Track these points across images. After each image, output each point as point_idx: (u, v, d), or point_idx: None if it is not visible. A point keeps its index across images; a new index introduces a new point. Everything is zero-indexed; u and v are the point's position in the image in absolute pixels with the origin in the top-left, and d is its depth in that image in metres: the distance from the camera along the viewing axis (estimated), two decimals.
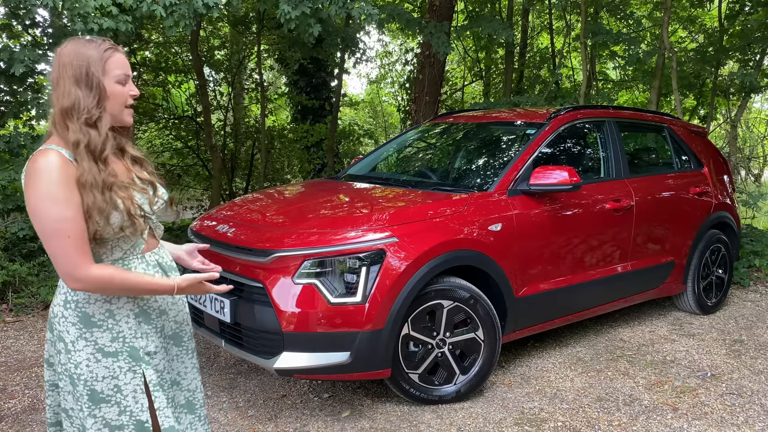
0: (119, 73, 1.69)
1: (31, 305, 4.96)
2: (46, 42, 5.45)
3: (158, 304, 1.79)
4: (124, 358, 1.70)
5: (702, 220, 4.74)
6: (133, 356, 1.71)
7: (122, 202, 1.65)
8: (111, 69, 1.68)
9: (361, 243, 3.05)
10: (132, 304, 1.73)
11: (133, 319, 1.73)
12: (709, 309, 4.93)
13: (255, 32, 9.40)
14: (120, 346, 1.70)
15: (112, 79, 1.68)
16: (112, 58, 1.68)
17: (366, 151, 11.56)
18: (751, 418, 3.24)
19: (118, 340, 1.70)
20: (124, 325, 1.71)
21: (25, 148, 5.19)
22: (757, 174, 13.38)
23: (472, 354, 3.37)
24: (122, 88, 1.70)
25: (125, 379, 1.70)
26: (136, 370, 1.71)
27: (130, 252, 1.73)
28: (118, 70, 1.69)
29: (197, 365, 1.97)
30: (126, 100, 1.72)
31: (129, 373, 1.70)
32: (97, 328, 1.68)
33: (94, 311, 1.68)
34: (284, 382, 3.63)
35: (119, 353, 1.69)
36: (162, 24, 5.38)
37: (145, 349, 1.74)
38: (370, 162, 4.85)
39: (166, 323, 1.83)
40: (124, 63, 1.71)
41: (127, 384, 1.70)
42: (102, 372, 1.68)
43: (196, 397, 1.93)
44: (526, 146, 3.86)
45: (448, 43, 7.74)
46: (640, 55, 7.85)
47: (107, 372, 1.68)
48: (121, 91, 1.70)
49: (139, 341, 1.73)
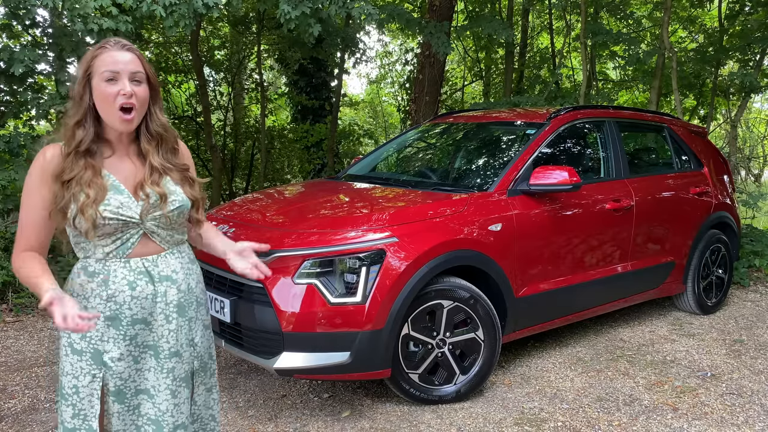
0: (104, 71, 1.66)
1: (31, 305, 4.96)
2: (46, 42, 5.45)
3: (132, 312, 1.73)
4: (87, 360, 1.71)
5: (702, 220, 4.74)
6: (95, 359, 1.71)
7: (83, 198, 1.65)
8: (98, 67, 1.67)
9: (361, 243, 3.05)
10: (103, 306, 1.72)
11: (102, 321, 1.72)
12: (709, 309, 4.93)
13: (255, 32, 9.40)
14: (86, 345, 1.71)
15: (100, 78, 1.67)
16: (101, 56, 1.68)
17: (366, 151, 11.56)
18: (751, 418, 3.24)
19: (85, 339, 1.71)
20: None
21: (25, 148, 5.19)
22: (757, 174, 13.39)
23: (472, 354, 3.37)
24: (109, 86, 1.66)
25: (84, 381, 1.71)
26: (96, 374, 1.71)
27: (114, 255, 1.73)
28: (104, 68, 1.66)
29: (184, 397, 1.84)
30: (114, 100, 1.66)
31: (88, 376, 1.71)
32: None
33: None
34: (284, 382, 3.63)
35: (84, 353, 1.71)
36: (162, 24, 5.38)
37: (109, 353, 1.72)
38: (370, 162, 4.85)
39: (141, 332, 1.76)
40: (112, 61, 1.67)
41: (85, 387, 1.71)
42: (67, 367, 1.72)
43: (165, 420, 1.78)
44: (526, 146, 3.86)
45: (448, 43, 7.74)
46: (640, 55, 7.85)
47: (71, 368, 1.72)
48: (109, 90, 1.66)
49: (104, 345, 1.72)
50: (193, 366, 1.86)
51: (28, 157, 5.15)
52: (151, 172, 1.77)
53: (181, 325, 1.81)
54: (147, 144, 1.78)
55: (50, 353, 4.08)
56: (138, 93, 1.69)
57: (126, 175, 1.75)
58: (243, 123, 10.62)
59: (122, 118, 1.68)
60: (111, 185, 1.71)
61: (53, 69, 5.39)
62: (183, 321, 1.82)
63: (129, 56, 1.70)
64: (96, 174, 1.69)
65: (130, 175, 1.76)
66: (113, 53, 1.68)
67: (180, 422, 1.82)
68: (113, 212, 1.69)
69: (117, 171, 1.75)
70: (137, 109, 1.70)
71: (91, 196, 1.65)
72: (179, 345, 1.81)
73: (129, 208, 1.72)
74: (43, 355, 4.05)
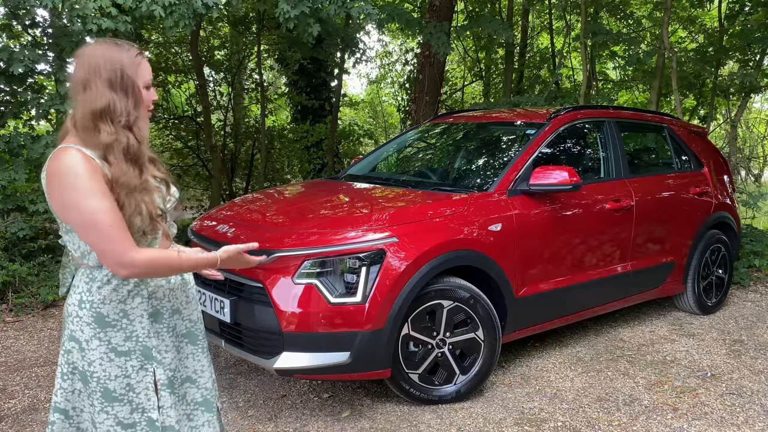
0: (148, 79, 1.75)
1: (31, 305, 4.96)
2: (46, 42, 5.45)
3: (171, 303, 1.83)
4: (137, 357, 1.74)
5: (702, 220, 4.74)
6: (145, 355, 1.75)
7: (145, 206, 1.68)
8: (143, 74, 1.73)
9: (361, 243, 3.05)
10: (146, 304, 1.76)
11: (147, 318, 1.76)
12: (709, 309, 4.93)
13: (255, 32, 9.40)
14: (133, 345, 1.74)
15: (142, 84, 1.73)
16: (143, 63, 1.74)
17: (366, 151, 11.55)
18: (751, 418, 3.24)
19: (131, 339, 1.74)
20: (137, 325, 1.74)
21: (24, 148, 5.18)
22: (757, 174, 13.37)
23: (472, 354, 3.37)
24: (147, 93, 1.75)
25: (137, 377, 1.74)
26: (148, 368, 1.76)
27: None
28: (148, 76, 1.75)
29: (212, 363, 2.00)
30: (149, 105, 1.77)
31: (141, 372, 1.75)
32: (111, 328, 1.72)
33: (108, 311, 1.72)
34: (284, 382, 3.63)
35: (132, 352, 1.74)
36: (162, 24, 5.38)
37: (158, 348, 1.79)
38: (370, 162, 4.85)
39: (179, 322, 1.87)
40: (149, 69, 1.77)
41: (139, 382, 1.75)
42: (115, 371, 1.72)
43: (213, 395, 1.96)
44: (526, 146, 3.86)
45: (448, 43, 7.74)
46: (640, 55, 7.84)
47: (120, 371, 1.73)
48: (147, 95, 1.75)
49: (152, 340, 1.77)
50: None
51: (28, 157, 5.15)
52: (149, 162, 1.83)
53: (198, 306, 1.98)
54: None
55: (50, 353, 4.08)
56: None
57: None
58: (243, 123, 10.62)
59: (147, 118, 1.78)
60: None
61: (53, 69, 5.39)
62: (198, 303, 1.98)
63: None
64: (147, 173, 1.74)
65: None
66: (146, 62, 1.76)
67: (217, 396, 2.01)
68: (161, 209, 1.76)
69: None
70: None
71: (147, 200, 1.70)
72: (202, 324, 1.97)
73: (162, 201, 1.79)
74: (43, 355, 4.06)
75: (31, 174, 5.26)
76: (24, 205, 5.23)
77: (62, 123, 1.79)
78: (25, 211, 5.30)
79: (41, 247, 5.43)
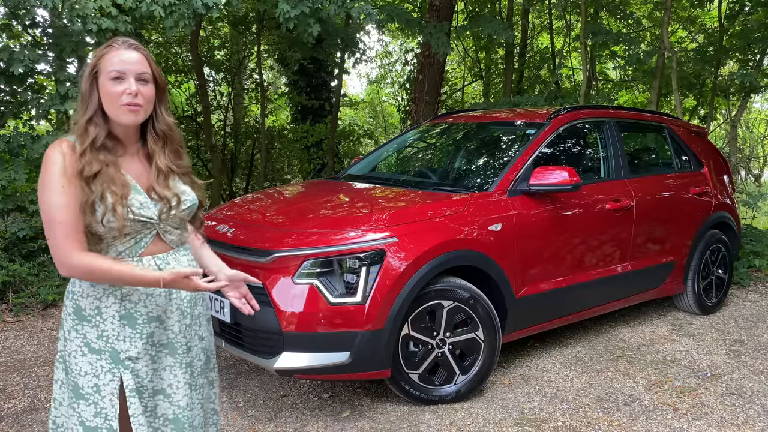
0: (110, 70, 1.68)
1: (31, 305, 4.96)
2: (46, 42, 5.45)
3: (147, 309, 1.75)
4: (106, 358, 1.71)
5: (702, 220, 4.74)
6: (113, 358, 1.71)
7: (111, 196, 1.65)
8: (104, 66, 1.69)
9: (361, 243, 3.05)
10: (118, 306, 1.72)
11: (118, 320, 1.72)
12: (709, 309, 4.93)
13: (255, 32, 9.40)
14: (103, 344, 1.71)
15: (106, 77, 1.69)
16: (108, 55, 1.70)
17: (366, 151, 11.56)
18: (751, 418, 3.24)
19: (102, 338, 1.71)
20: (108, 325, 1.71)
21: (24, 148, 5.19)
22: (757, 174, 13.36)
23: (472, 354, 3.37)
24: (115, 85, 1.68)
25: (105, 379, 1.70)
26: (115, 372, 1.71)
27: (127, 254, 1.73)
28: (110, 67, 1.68)
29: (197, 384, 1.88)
30: (119, 99, 1.67)
31: (108, 374, 1.71)
32: (87, 323, 1.71)
33: (85, 305, 1.71)
34: (284, 382, 3.63)
35: (102, 351, 1.71)
36: (162, 24, 5.38)
37: (126, 353, 1.72)
38: (370, 162, 4.85)
39: (157, 330, 1.77)
40: (119, 60, 1.68)
41: (105, 385, 1.70)
42: (86, 367, 1.70)
43: (185, 415, 1.81)
44: (526, 146, 3.86)
45: (448, 44, 7.74)
46: (640, 55, 7.84)
47: (90, 368, 1.70)
48: (114, 89, 1.68)
49: (121, 344, 1.72)
50: (201, 360, 1.91)
51: (28, 157, 5.15)
52: (158, 173, 1.77)
53: (193, 320, 1.86)
54: (153, 144, 1.79)
55: (50, 353, 4.08)
56: (144, 92, 1.71)
57: (138, 174, 1.76)
58: (243, 123, 10.62)
59: (128, 108, 1.69)
60: (131, 184, 1.73)
61: (53, 69, 5.39)
62: (194, 316, 1.87)
63: (136, 56, 1.71)
64: (117, 170, 1.70)
65: (142, 175, 1.77)
66: (120, 52, 1.70)
67: (197, 422, 1.86)
68: (135, 213, 1.70)
69: (129, 170, 1.75)
70: (143, 108, 1.72)
71: (118, 194, 1.66)
72: (192, 340, 1.86)
73: (148, 208, 1.73)
74: (43, 355, 4.05)
75: (31, 174, 5.26)
76: (24, 205, 5.23)
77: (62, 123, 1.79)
78: (25, 211, 5.30)
79: (41, 247, 5.42)
